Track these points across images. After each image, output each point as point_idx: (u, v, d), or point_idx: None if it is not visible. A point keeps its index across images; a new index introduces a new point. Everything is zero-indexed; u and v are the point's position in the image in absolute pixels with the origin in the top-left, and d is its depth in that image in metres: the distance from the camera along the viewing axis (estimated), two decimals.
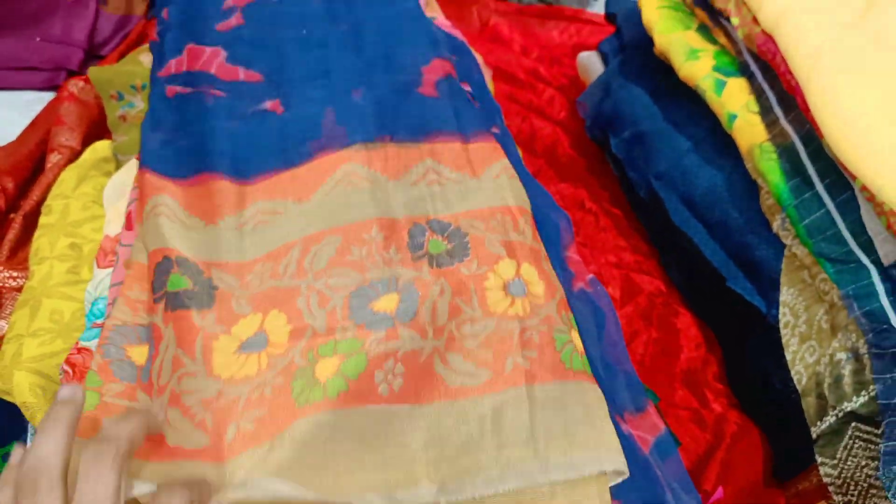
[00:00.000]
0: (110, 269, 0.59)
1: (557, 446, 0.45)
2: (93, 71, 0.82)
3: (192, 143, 0.65)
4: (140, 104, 0.78)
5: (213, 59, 0.73)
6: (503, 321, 0.51)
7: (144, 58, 0.81)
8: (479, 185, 0.62)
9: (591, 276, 0.58)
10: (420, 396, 0.48)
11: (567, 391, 0.48)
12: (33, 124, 0.91)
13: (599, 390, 0.49)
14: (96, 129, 0.88)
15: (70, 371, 0.54)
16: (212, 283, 0.54)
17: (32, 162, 0.85)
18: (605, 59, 0.92)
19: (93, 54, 1.07)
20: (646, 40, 0.84)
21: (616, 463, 0.45)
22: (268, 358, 0.50)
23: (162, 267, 0.54)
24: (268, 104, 0.69)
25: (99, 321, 0.56)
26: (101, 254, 0.61)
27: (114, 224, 0.63)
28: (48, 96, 0.97)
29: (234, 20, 0.78)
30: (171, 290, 0.53)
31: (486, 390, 0.48)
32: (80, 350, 0.54)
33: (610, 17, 0.97)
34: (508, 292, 0.53)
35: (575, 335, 0.52)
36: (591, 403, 0.47)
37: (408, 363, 0.49)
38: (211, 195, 0.61)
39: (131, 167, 0.69)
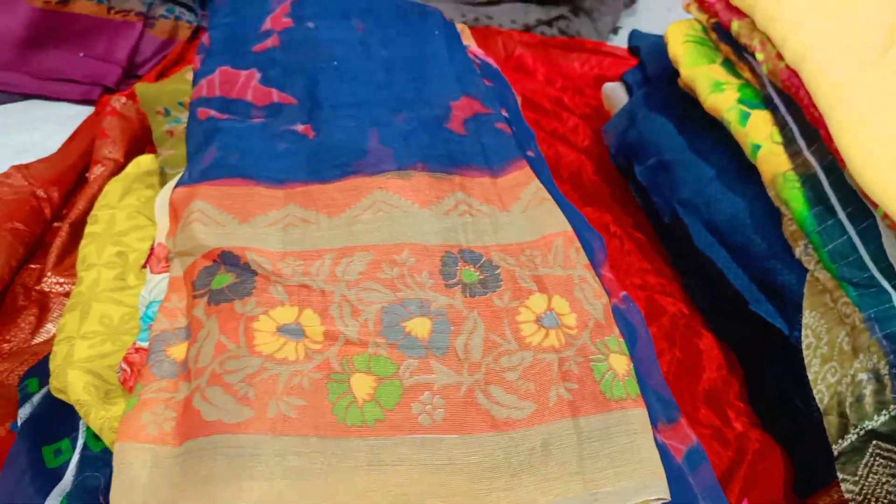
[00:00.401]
0: (164, 275, 0.62)
1: (605, 477, 0.48)
2: (140, 87, 0.85)
3: (225, 157, 0.67)
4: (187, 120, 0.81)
5: (249, 84, 0.76)
6: (540, 353, 0.54)
7: (190, 76, 0.85)
8: (509, 219, 0.64)
9: (624, 293, 0.61)
10: (467, 427, 0.50)
11: (611, 422, 0.50)
12: (73, 138, 0.95)
13: (644, 412, 0.51)
14: (137, 143, 0.92)
15: (128, 369, 0.56)
16: (250, 268, 0.57)
17: (76, 173, 0.89)
18: (629, 90, 0.96)
19: (130, 73, 1.11)
20: (670, 72, 0.87)
21: (660, 491, 0.47)
22: (305, 349, 0.53)
23: (209, 269, 0.57)
24: (300, 127, 0.72)
25: (153, 323, 0.59)
26: (154, 260, 0.63)
27: (166, 233, 0.65)
28: (87, 111, 1.01)
29: (271, 42, 0.81)
30: (214, 287, 0.56)
31: (534, 422, 0.50)
32: (137, 350, 0.57)
33: (633, 49, 1.01)
34: (542, 325, 0.56)
35: (615, 359, 0.54)
36: (636, 430, 0.50)
37: (447, 395, 0.51)
38: (244, 198, 0.63)
39: None
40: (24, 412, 0.63)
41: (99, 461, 0.56)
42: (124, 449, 0.48)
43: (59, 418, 0.61)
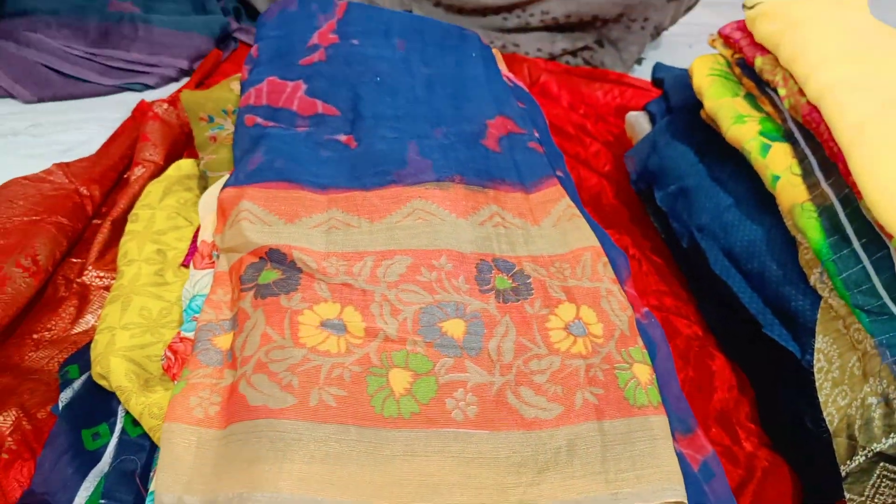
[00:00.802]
0: (207, 271, 0.65)
1: (626, 478, 0.50)
2: (185, 94, 0.89)
3: (272, 161, 0.71)
4: (230, 127, 0.84)
5: (295, 94, 0.79)
6: (567, 358, 0.57)
7: (235, 85, 0.88)
8: (539, 232, 0.68)
9: (645, 309, 0.64)
10: (497, 424, 0.53)
11: (633, 427, 0.53)
12: (113, 140, 0.99)
13: (664, 419, 0.54)
14: (177, 147, 0.96)
15: (172, 357, 0.59)
16: (295, 266, 0.60)
17: (116, 173, 0.93)
18: (651, 119, 0.99)
19: None
20: (692, 103, 0.91)
21: (678, 494, 0.50)
22: (346, 344, 0.55)
23: (256, 265, 0.60)
24: (342, 137, 0.75)
25: (197, 315, 0.62)
26: (198, 257, 0.66)
27: (210, 231, 0.68)
28: (126, 115, 1.05)
29: (317, 56, 0.85)
30: (261, 282, 0.59)
31: (561, 423, 0.53)
32: (181, 339, 0.60)
33: (657, 81, 1.04)
34: (570, 332, 0.59)
35: (638, 368, 0.57)
36: (657, 436, 0.52)
37: (479, 394, 0.54)
38: (290, 200, 0.67)
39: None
40: (65, 396, 0.65)
41: (135, 445, 0.59)
42: (172, 429, 0.51)
43: (99, 404, 0.64)
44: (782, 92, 0.75)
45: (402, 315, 0.58)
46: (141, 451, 0.58)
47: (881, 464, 0.58)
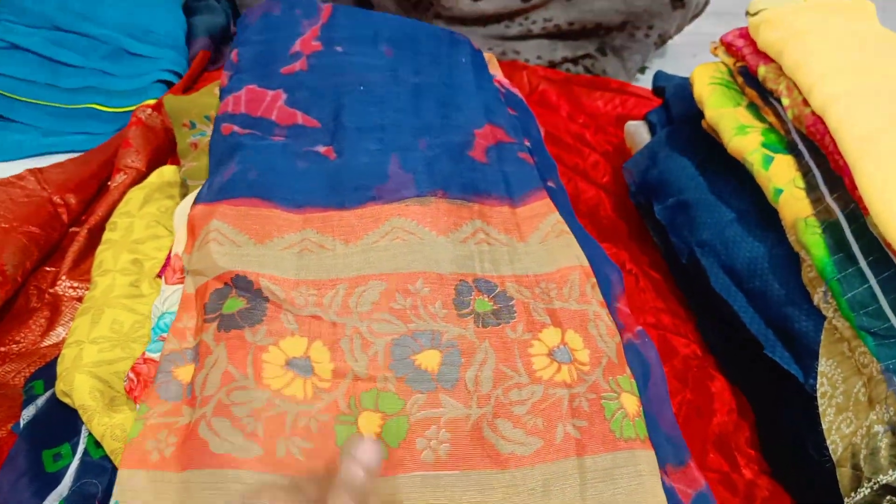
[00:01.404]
0: (177, 287, 0.62)
1: None
2: (168, 99, 0.86)
3: (245, 173, 0.68)
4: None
5: (274, 104, 0.76)
6: (550, 387, 0.53)
7: (218, 90, 0.86)
8: (526, 249, 0.64)
9: (639, 327, 0.61)
10: (469, 462, 0.49)
11: (618, 462, 0.49)
12: (102, 146, 0.96)
13: (652, 454, 0.50)
14: (160, 153, 0.93)
15: (135, 379, 0.56)
16: (262, 294, 0.57)
17: (98, 181, 0.90)
18: (651, 129, 0.96)
19: None
20: (693, 113, 0.87)
21: None
22: (313, 389, 0.52)
23: (221, 292, 0.57)
24: (321, 149, 0.72)
25: (164, 334, 0.59)
26: (169, 271, 0.63)
27: (183, 244, 0.65)
28: None
29: (299, 65, 0.82)
30: (225, 312, 0.56)
31: (537, 460, 0.49)
32: (145, 360, 0.57)
33: (658, 90, 1.01)
34: (554, 359, 0.55)
35: (626, 399, 0.53)
36: (643, 472, 0.49)
37: (453, 429, 0.51)
38: (262, 219, 0.63)
39: None
40: (27, 413, 0.62)
41: (98, 468, 0.56)
42: (130, 476, 0.48)
43: (62, 422, 0.61)
44: (786, 102, 0.71)
45: (372, 349, 0.54)
46: (103, 474, 0.55)
47: (888, 497, 0.54)
